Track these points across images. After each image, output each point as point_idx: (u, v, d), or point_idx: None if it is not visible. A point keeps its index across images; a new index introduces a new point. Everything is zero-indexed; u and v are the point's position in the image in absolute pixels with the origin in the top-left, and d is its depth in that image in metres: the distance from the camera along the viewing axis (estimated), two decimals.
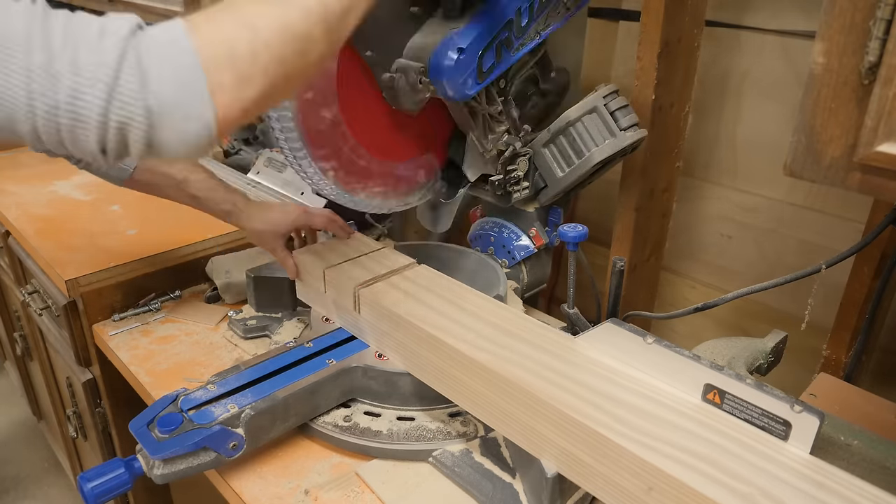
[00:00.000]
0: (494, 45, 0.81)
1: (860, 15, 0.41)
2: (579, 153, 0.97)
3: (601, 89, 0.94)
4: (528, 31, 0.84)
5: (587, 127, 0.95)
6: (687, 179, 1.16)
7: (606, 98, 0.94)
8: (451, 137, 1.05)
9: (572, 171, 0.98)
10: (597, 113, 0.94)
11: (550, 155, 1.00)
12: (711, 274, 1.20)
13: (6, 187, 1.48)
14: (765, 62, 1.02)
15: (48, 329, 1.33)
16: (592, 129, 0.95)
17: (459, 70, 0.78)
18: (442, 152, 1.05)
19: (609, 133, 0.94)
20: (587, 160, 0.96)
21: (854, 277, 0.93)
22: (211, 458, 0.73)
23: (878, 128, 0.42)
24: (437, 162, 1.05)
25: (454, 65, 0.77)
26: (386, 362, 0.84)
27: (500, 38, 0.81)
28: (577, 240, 0.87)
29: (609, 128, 0.94)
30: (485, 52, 0.80)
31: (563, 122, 0.96)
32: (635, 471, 0.57)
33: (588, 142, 0.95)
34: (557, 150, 0.99)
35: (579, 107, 0.95)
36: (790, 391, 0.62)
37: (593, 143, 0.95)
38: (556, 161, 1.00)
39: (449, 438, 0.80)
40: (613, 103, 0.94)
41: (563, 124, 0.96)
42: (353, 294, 0.85)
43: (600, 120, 0.94)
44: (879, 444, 0.72)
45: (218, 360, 1.00)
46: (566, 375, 0.67)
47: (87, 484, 0.70)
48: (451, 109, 0.97)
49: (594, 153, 0.95)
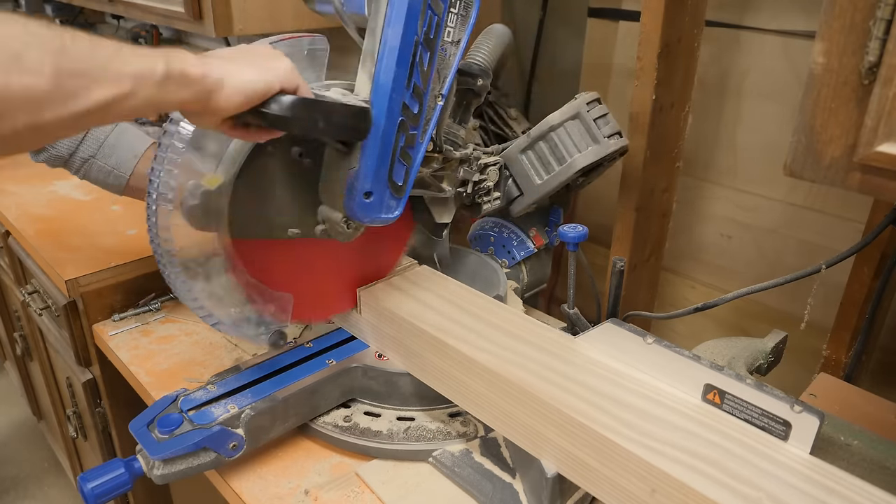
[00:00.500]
0: (398, 158, 0.71)
1: (860, 15, 0.41)
2: (560, 159, 0.94)
3: (583, 96, 0.93)
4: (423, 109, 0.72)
5: (570, 133, 0.93)
6: (687, 179, 1.16)
7: (589, 105, 0.93)
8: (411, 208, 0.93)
9: (552, 178, 0.95)
10: (580, 119, 0.93)
11: (528, 161, 0.97)
12: (711, 274, 1.20)
13: (6, 187, 1.48)
14: (765, 62, 1.02)
15: (48, 329, 1.33)
16: (575, 136, 0.93)
17: (376, 209, 0.71)
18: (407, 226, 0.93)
19: (592, 140, 0.93)
20: (569, 166, 0.94)
21: (854, 277, 0.94)
22: (211, 459, 0.73)
23: (878, 128, 0.42)
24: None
25: (368, 210, 0.70)
26: (386, 362, 0.84)
27: (398, 146, 0.70)
28: (577, 240, 0.87)
29: (592, 134, 0.93)
30: (391, 170, 0.71)
31: (544, 127, 0.94)
32: (641, 474, 0.57)
33: (570, 148, 0.93)
34: (536, 157, 0.96)
35: (562, 112, 0.93)
36: (790, 391, 0.62)
37: (576, 149, 0.93)
38: (534, 167, 0.97)
39: (449, 438, 0.80)
40: (595, 111, 0.93)
41: (544, 129, 0.94)
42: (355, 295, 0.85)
43: (583, 126, 0.93)
44: (879, 444, 0.72)
45: (218, 360, 1.00)
46: (569, 377, 0.67)
47: (87, 484, 0.70)
48: None
49: (577, 159, 0.93)
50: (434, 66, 0.72)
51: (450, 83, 0.75)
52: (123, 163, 1.01)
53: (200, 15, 1.15)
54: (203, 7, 1.14)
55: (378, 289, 0.85)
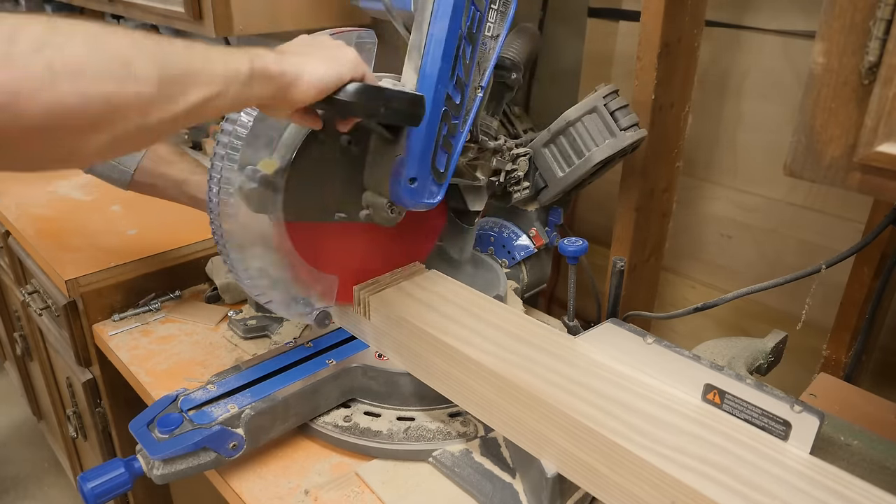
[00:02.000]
0: (440, 146, 0.75)
1: (860, 15, 0.41)
2: (579, 153, 0.97)
3: (601, 89, 0.94)
4: (465, 100, 0.76)
5: (587, 127, 0.95)
6: (687, 179, 1.16)
7: (606, 98, 0.94)
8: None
9: (573, 171, 0.98)
10: (597, 113, 0.94)
11: (550, 155, 1.00)
12: (711, 274, 1.20)
13: (6, 187, 1.48)
14: (765, 62, 1.02)
15: (48, 329, 1.33)
16: (592, 129, 0.95)
17: (419, 194, 0.75)
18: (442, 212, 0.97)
19: (609, 133, 0.94)
20: (587, 160, 0.96)
21: (854, 277, 0.93)
22: (211, 459, 0.74)
23: (878, 128, 0.42)
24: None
25: (413, 195, 0.74)
26: (386, 362, 0.84)
27: (441, 135, 0.75)
28: (576, 254, 0.87)
29: (609, 128, 0.94)
30: (434, 158, 0.75)
31: (562, 123, 0.96)
32: (654, 482, 0.56)
33: (588, 142, 0.96)
34: (557, 150, 0.99)
35: (579, 107, 0.95)
36: (790, 391, 0.62)
37: (593, 143, 0.95)
38: (556, 161, 1.00)
39: (449, 438, 0.80)
40: (613, 103, 0.94)
41: (562, 124, 0.96)
42: (362, 300, 0.84)
43: (600, 120, 0.94)
44: (879, 444, 0.72)
45: (218, 360, 1.00)
46: (574, 380, 0.66)
47: (87, 484, 0.70)
48: None
49: (594, 153, 0.95)
50: (475, 59, 0.76)
51: (489, 76, 0.79)
52: (128, 157, 1.01)
53: (200, 15, 1.15)
54: (203, 7, 1.14)
55: (386, 293, 0.84)
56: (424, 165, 0.74)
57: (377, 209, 0.78)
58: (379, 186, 0.77)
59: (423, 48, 0.71)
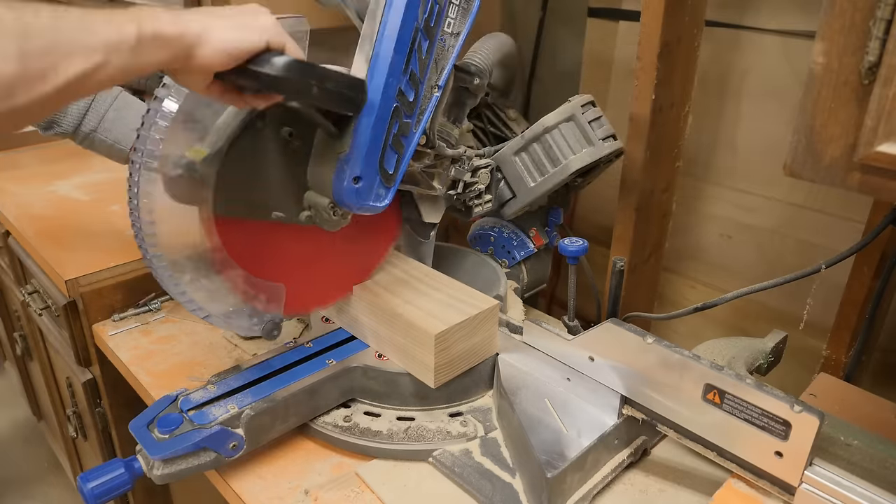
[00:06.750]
0: (389, 145, 0.70)
1: (860, 15, 0.41)
2: (555, 161, 0.94)
3: (577, 99, 0.93)
4: (419, 98, 0.71)
5: (564, 135, 0.93)
6: (687, 179, 1.16)
7: (584, 108, 0.93)
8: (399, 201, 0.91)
9: (546, 180, 0.95)
10: (574, 121, 0.93)
11: (521, 163, 0.96)
12: (711, 274, 1.20)
13: (6, 187, 1.48)
14: (765, 62, 1.02)
15: (48, 329, 1.33)
16: (570, 137, 0.93)
17: (365, 196, 0.70)
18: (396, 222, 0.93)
19: (587, 142, 0.93)
20: (564, 168, 0.93)
21: (854, 277, 0.94)
22: (211, 459, 0.73)
23: (878, 128, 0.42)
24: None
25: (357, 196, 0.69)
26: (386, 362, 0.84)
27: (391, 133, 0.69)
28: (576, 254, 0.87)
29: (587, 136, 0.92)
30: (382, 157, 0.70)
31: (539, 129, 0.94)
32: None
33: (565, 149, 0.93)
34: (530, 158, 0.96)
35: (556, 114, 0.93)
36: (790, 391, 0.62)
37: (571, 151, 0.93)
38: (528, 170, 0.96)
39: (449, 438, 0.80)
40: (590, 113, 0.92)
41: (539, 130, 0.94)
42: None
43: (578, 129, 0.93)
44: (879, 444, 0.72)
45: (218, 360, 1.00)
46: None
47: (87, 484, 0.70)
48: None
49: (572, 161, 0.93)
50: (432, 55, 0.71)
51: (447, 75, 0.75)
52: (124, 137, 1.02)
53: None
54: (205, 6, 1.14)
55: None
56: (371, 164, 0.69)
57: (319, 210, 0.73)
58: (321, 185, 0.71)
59: (374, 38, 0.66)
